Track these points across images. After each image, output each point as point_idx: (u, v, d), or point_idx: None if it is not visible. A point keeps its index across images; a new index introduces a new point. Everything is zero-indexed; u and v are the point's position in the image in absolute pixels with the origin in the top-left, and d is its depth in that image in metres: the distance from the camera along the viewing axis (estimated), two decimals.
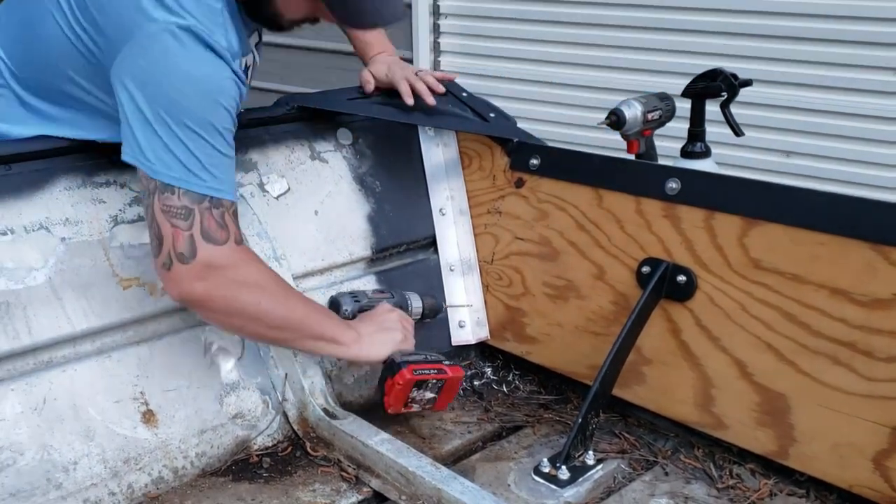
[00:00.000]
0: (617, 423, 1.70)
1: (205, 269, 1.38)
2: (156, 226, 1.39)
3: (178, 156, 1.36)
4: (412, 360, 1.58)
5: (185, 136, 1.36)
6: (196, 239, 1.38)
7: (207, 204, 1.38)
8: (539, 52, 3.79)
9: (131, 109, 1.36)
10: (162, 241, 1.38)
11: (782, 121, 3.20)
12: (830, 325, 1.40)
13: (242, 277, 1.42)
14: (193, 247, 1.37)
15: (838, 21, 3.05)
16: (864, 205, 1.39)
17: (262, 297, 1.45)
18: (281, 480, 1.51)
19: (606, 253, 1.69)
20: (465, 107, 1.99)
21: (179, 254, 1.38)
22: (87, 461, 1.42)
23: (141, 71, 1.36)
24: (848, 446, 1.39)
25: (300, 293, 1.58)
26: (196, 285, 1.39)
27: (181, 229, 1.37)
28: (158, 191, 1.37)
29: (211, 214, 1.39)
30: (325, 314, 1.60)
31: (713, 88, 2.06)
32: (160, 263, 1.40)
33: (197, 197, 1.38)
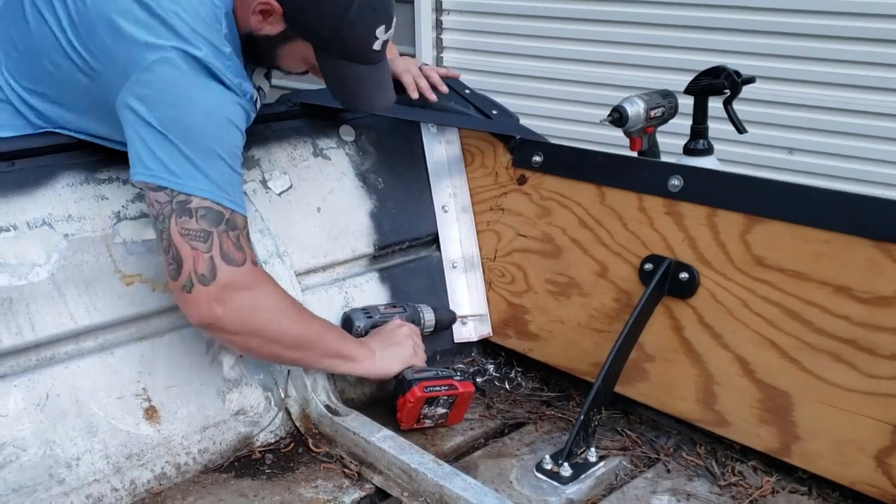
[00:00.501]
0: (619, 420, 1.70)
1: (225, 290, 1.39)
2: (174, 249, 1.38)
3: (205, 172, 1.37)
4: (423, 376, 1.61)
5: (207, 156, 1.38)
6: (216, 261, 1.38)
7: (224, 227, 1.39)
8: (542, 49, 3.79)
9: (147, 130, 1.36)
10: (181, 263, 1.38)
11: (785, 117, 3.20)
12: (833, 322, 1.40)
13: (261, 299, 1.44)
14: (214, 269, 1.38)
15: (842, 17, 3.05)
16: (868, 202, 1.39)
17: (280, 318, 1.47)
18: (283, 477, 1.52)
19: (609, 250, 1.69)
20: (467, 104, 1.99)
21: (201, 275, 1.38)
22: (89, 457, 1.42)
23: (155, 93, 1.36)
24: (850, 444, 1.39)
25: (313, 314, 1.58)
26: (216, 307, 1.39)
27: (201, 251, 1.37)
28: (175, 214, 1.37)
29: (228, 237, 1.39)
30: (338, 332, 1.63)
31: (716, 85, 2.05)
32: (179, 286, 1.39)
33: (214, 218, 1.38)
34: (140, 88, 1.36)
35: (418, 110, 1.92)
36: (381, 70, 1.56)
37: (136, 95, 1.36)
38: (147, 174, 1.37)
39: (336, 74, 1.53)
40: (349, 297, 1.79)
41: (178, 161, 1.36)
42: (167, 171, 1.36)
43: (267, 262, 1.65)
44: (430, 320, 1.79)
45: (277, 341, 1.49)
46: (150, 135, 1.36)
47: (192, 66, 1.37)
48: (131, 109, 1.36)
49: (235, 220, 1.41)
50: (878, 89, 3.04)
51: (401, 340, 1.66)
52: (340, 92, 1.57)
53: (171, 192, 1.37)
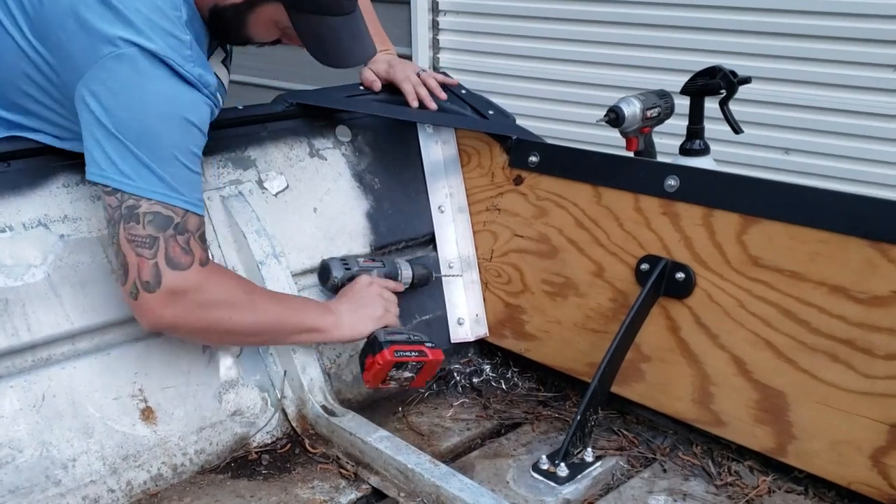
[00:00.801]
0: (615, 420, 1.70)
1: (170, 295, 1.39)
2: (122, 255, 1.38)
3: (158, 174, 1.36)
4: (395, 339, 1.59)
5: (161, 158, 1.36)
6: (161, 267, 1.38)
7: (172, 231, 1.38)
8: (538, 49, 3.78)
9: (101, 130, 1.35)
10: (127, 270, 1.38)
11: (781, 118, 3.20)
12: (829, 322, 1.40)
13: (209, 297, 1.43)
14: (158, 275, 1.38)
15: (837, 18, 3.05)
16: (864, 202, 1.39)
17: (231, 312, 1.46)
18: (280, 477, 1.52)
19: (605, 250, 1.70)
20: (463, 104, 1.99)
21: (145, 282, 1.38)
22: (85, 458, 1.42)
23: (109, 92, 1.34)
24: (846, 443, 1.39)
25: (271, 293, 1.58)
26: (165, 312, 1.40)
27: (146, 258, 1.37)
28: (123, 220, 1.36)
29: (176, 241, 1.38)
30: (299, 306, 1.60)
31: (712, 86, 2.06)
32: (127, 292, 1.40)
33: (162, 223, 1.37)
34: (95, 85, 1.34)
35: (415, 111, 1.92)
36: (356, 20, 1.54)
37: (92, 92, 1.34)
38: (99, 174, 1.36)
39: (311, 32, 1.51)
40: None
41: (131, 163, 1.35)
42: (119, 172, 1.35)
43: (263, 263, 1.65)
44: (406, 276, 1.78)
45: (233, 333, 1.51)
46: (104, 135, 1.35)
47: (149, 62, 1.34)
48: (87, 107, 1.35)
49: (187, 223, 1.40)
50: (873, 90, 3.05)
51: (370, 301, 1.63)
52: (319, 50, 1.53)
53: (122, 195, 1.36)
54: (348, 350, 1.77)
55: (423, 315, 1.90)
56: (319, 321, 1.58)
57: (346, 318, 1.60)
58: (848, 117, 3.11)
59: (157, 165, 1.36)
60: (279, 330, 1.55)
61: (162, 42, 1.36)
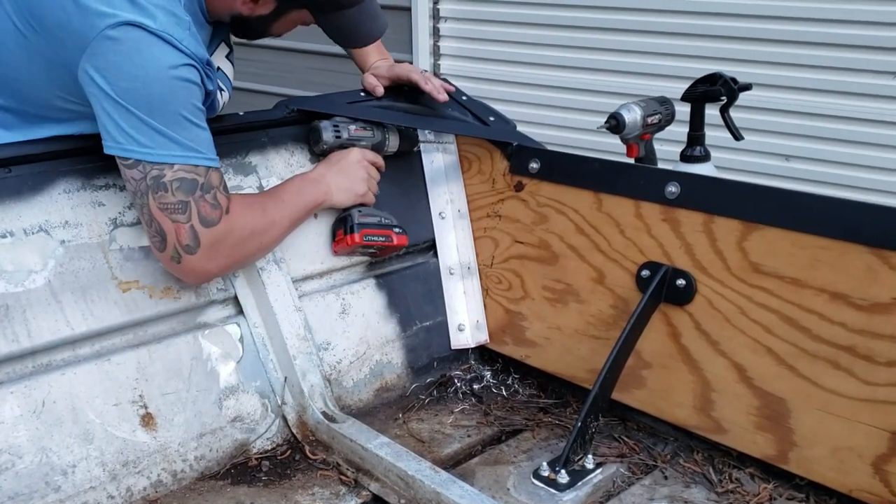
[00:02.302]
0: (616, 426, 1.70)
1: (210, 250, 1.47)
2: (156, 223, 1.44)
3: (173, 137, 1.40)
4: (367, 222, 1.76)
5: (171, 121, 1.40)
6: (197, 228, 1.45)
7: (200, 192, 1.44)
8: (539, 56, 3.79)
9: (110, 103, 1.38)
10: (165, 236, 1.45)
11: (782, 124, 3.20)
12: (830, 329, 1.40)
13: (241, 236, 1.53)
14: (196, 236, 1.45)
15: (838, 25, 3.06)
16: (865, 209, 1.39)
17: (261, 237, 1.58)
18: (280, 484, 1.51)
19: (606, 257, 1.69)
20: (464, 110, 1.99)
21: (185, 245, 1.45)
22: (85, 464, 1.41)
23: (110, 65, 1.37)
24: (847, 450, 1.39)
25: (275, 198, 1.64)
26: (209, 266, 1.50)
27: (182, 223, 1.44)
28: (151, 190, 1.41)
29: (205, 200, 1.45)
30: (297, 193, 1.67)
31: (713, 92, 2.06)
32: (168, 257, 1.47)
33: (189, 187, 1.42)
34: (97, 60, 1.37)
35: (416, 117, 1.92)
36: (368, 3, 1.68)
37: (95, 67, 1.37)
38: (118, 148, 1.40)
39: (334, 26, 1.66)
40: (346, 304, 1.79)
41: (146, 132, 1.39)
42: (136, 143, 1.39)
43: (264, 269, 1.65)
44: (394, 145, 1.86)
45: (266, 250, 1.63)
46: (114, 108, 1.38)
47: (145, 35, 1.37)
48: (93, 82, 1.38)
49: (210, 179, 1.45)
50: (874, 97, 3.05)
51: (356, 177, 1.74)
52: (342, 39, 1.74)
53: (144, 166, 1.40)
54: (349, 356, 1.77)
55: (424, 321, 1.90)
56: (317, 196, 1.69)
57: (333, 186, 1.72)
58: (848, 124, 3.12)
59: (170, 130, 1.40)
60: (295, 221, 1.66)
61: (162, 18, 1.39)
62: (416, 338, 1.88)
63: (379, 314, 1.84)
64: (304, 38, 1.70)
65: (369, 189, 1.77)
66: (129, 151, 1.40)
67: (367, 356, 1.80)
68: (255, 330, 1.66)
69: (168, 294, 1.56)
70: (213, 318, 1.64)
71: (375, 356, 1.81)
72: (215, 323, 1.63)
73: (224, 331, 1.62)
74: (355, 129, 1.80)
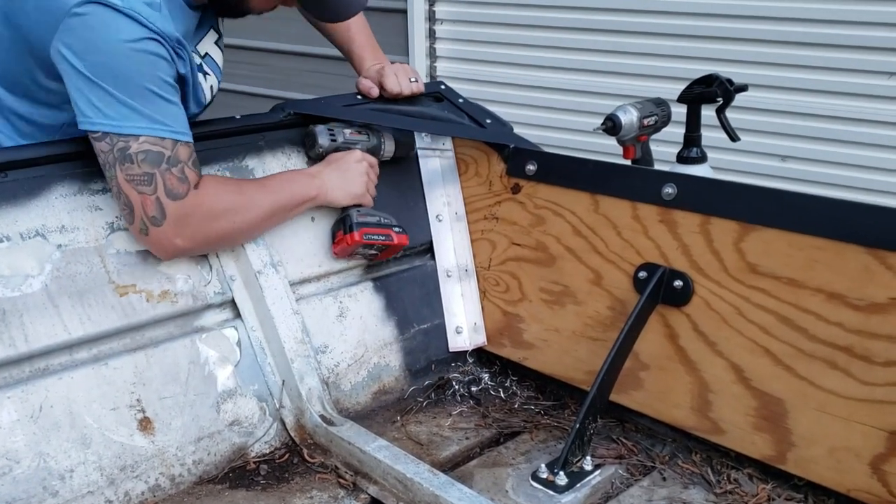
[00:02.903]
0: (614, 428, 1.70)
1: (177, 223, 1.48)
2: (123, 196, 1.46)
3: (139, 110, 1.42)
4: (367, 221, 1.75)
5: (138, 94, 1.42)
6: (163, 200, 1.46)
7: (166, 165, 1.45)
8: (535, 58, 3.80)
9: (80, 79, 1.41)
10: (133, 208, 1.47)
11: (778, 125, 3.21)
12: (827, 329, 1.40)
13: (212, 213, 1.53)
14: (162, 208, 1.47)
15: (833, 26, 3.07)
16: (862, 209, 1.39)
17: (234, 217, 1.56)
18: (278, 487, 1.51)
19: (603, 258, 1.70)
20: (461, 113, 2.00)
21: (152, 217, 1.47)
22: (83, 469, 1.41)
23: (80, 41, 1.40)
24: (845, 451, 1.39)
25: (260, 182, 1.65)
26: (176, 241, 1.50)
27: (147, 194, 1.46)
28: (118, 162, 1.43)
29: (171, 173, 1.46)
30: (285, 182, 1.67)
31: (709, 94, 2.06)
32: (137, 230, 1.49)
33: (155, 159, 1.44)
34: (67, 37, 1.40)
35: (412, 120, 1.93)
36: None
37: (65, 44, 1.41)
38: (87, 122, 1.43)
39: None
40: (344, 307, 1.79)
41: (111, 104, 1.41)
42: (103, 115, 1.42)
43: (261, 273, 1.65)
44: (390, 150, 1.86)
45: (241, 232, 1.60)
46: (84, 83, 1.41)
47: (110, 12, 1.39)
48: (64, 59, 1.41)
49: (178, 153, 1.47)
50: (870, 97, 3.06)
51: (356, 176, 1.73)
52: (323, 10, 1.69)
53: (112, 138, 1.43)
54: (347, 359, 1.77)
55: (422, 324, 1.90)
56: (309, 190, 1.68)
57: (329, 184, 1.70)
58: (844, 124, 3.12)
59: (136, 102, 1.42)
60: (277, 211, 1.64)
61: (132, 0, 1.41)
62: (414, 340, 1.88)
63: (376, 317, 1.84)
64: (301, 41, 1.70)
65: (367, 190, 1.76)
66: (96, 124, 1.42)
67: (364, 359, 1.80)
68: (253, 333, 1.65)
69: (165, 298, 1.56)
70: (210, 322, 1.63)
71: (373, 359, 1.81)
72: (213, 327, 1.63)
73: (221, 334, 1.62)
74: (350, 133, 1.80)
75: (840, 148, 3.15)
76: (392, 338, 1.85)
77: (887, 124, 3.05)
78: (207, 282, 1.62)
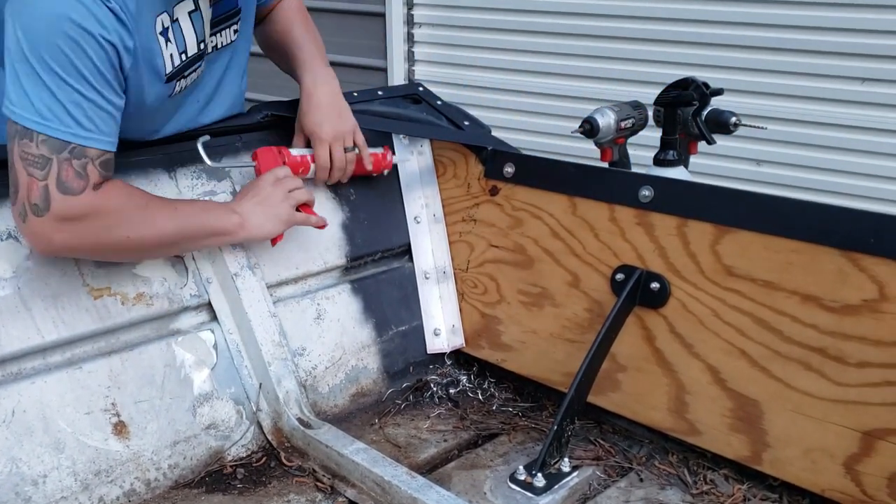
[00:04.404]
0: (592, 429, 1.70)
1: (59, 221, 1.35)
2: (14, 172, 1.35)
3: (40, 98, 1.30)
4: None
5: (49, 79, 1.29)
6: (51, 190, 1.33)
7: (67, 154, 1.33)
8: (513, 62, 3.81)
9: (5, 52, 1.32)
10: (18, 189, 1.35)
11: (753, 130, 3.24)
12: (802, 331, 1.42)
13: (103, 220, 1.40)
14: (48, 199, 1.34)
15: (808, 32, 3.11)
16: (836, 212, 1.41)
17: (126, 230, 1.43)
18: (255, 491, 1.50)
19: (581, 260, 1.70)
20: (439, 115, 1.99)
21: (34, 205, 1.34)
22: (57, 474, 1.39)
23: (14, 10, 1.30)
24: (820, 451, 1.40)
25: (170, 202, 1.54)
26: (54, 238, 1.37)
27: (37, 179, 1.33)
28: (18, 135, 1.32)
29: (70, 165, 1.34)
30: (199, 211, 1.57)
31: (685, 97, 2.07)
32: (16, 213, 1.37)
33: (57, 145, 1.32)
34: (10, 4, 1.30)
35: (390, 121, 1.92)
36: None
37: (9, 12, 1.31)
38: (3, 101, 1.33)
39: None
40: (321, 309, 1.78)
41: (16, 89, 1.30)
42: (8, 98, 1.31)
43: (238, 275, 1.64)
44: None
45: (133, 250, 1.49)
46: (6, 59, 1.31)
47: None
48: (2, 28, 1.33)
49: (86, 150, 1.34)
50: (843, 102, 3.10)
51: (276, 203, 1.60)
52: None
53: None
54: (324, 362, 1.76)
55: (400, 326, 1.89)
56: (224, 222, 1.55)
57: (253, 218, 1.58)
58: (818, 129, 3.16)
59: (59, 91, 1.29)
60: (183, 239, 1.52)
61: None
62: (392, 343, 1.87)
63: (354, 319, 1.83)
64: None
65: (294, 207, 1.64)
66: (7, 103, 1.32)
67: (342, 361, 1.79)
68: (230, 336, 1.64)
69: (140, 301, 1.55)
70: (186, 325, 1.62)
71: (351, 361, 1.81)
72: (189, 329, 1.61)
73: (198, 337, 1.61)
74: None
75: (814, 152, 3.19)
76: (370, 340, 1.85)
77: (860, 129, 3.09)
78: (183, 284, 1.61)
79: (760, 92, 3.21)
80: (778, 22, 3.15)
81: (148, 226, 1.46)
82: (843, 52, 3.05)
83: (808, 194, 3.12)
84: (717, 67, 3.23)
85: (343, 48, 4.09)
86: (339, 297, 1.82)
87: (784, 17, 3.14)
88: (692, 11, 3.31)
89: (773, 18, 3.16)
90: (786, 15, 3.14)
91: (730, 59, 3.25)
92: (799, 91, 3.16)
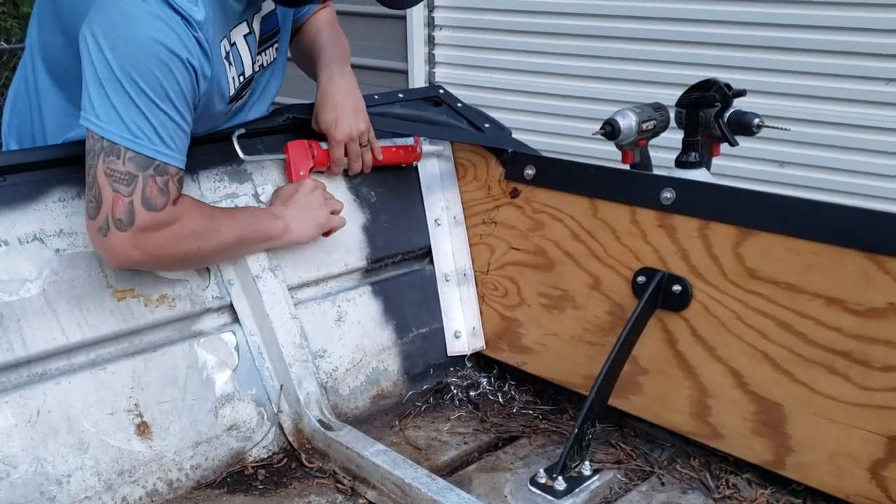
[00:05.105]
0: (613, 433, 1.69)
1: (141, 234, 1.40)
2: (97, 188, 1.38)
3: (129, 117, 1.35)
4: None
5: (138, 99, 1.35)
6: (136, 206, 1.39)
7: (152, 171, 1.38)
8: (533, 64, 3.80)
9: (87, 69, 1.36)
10: (101, 204, 1.38)
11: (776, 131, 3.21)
12: (826, 334, 1.40)
13: (178, 232, 1.46)
14: (132, 214, 1.39)
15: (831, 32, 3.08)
16: (860, 214, 1.39)
17: (199, 242, 1.50)
18: (276, 492, 1.51)
19: (602, 263, 1.70)
20: (459, 117, 2.00)
21: (117, 220, 1.39)
22: (80, 474, 1.41)
23: (101, 30, 1.34)
24: (844, 456, 1.39)
25: (226, 211, 1.62)
26: (133, 253, 1.42)
27: (122, 195, 1.38)
28: (105, 152, 1.36)
29: (154, 182, 1.39)
30: (251, 217, 1.63)
31: (707, 98, 2.06)
32: (96, 227, 1.40)
33: (143, 162, 1.37)
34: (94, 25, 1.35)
35: (411, 124, 1.93)
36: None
37: (91, 31, 1.35)
38: (82, 116, 1.38)
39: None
40: (342, 311, 1.79)
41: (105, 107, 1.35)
42: (95, 115, 1.36)
43: (259, 277, 1.65)
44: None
45: (201, 260, 1.57)
46: (91, 77, 1.35)
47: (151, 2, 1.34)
48: (86, 45, 1.36)
49: (168, 167, 1.40)
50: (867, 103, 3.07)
51: (315, 208, 1.69)
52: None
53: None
54: (345, 363, 1.76)
55: (420, 328, 1.89)
56: (272, 227, 1.64)
57: (294, 223, 1.66)
58: (842, 130, 3.13)
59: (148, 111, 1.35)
60: (239, 245, 1.60)
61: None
62: (413, 345, 1.88)
63: (375, 321, 1.83)
64: None
65: (330, 213, 1.72)
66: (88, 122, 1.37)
67: (363, 363, 1.80)
68: (251, 338, 1.65)
69: (163, 302, 1.56)
70: (208, 327, 1.63)
71: (372, 363, 1.81)
72: (211, 331, 1.62)
73: (220, 339, 1.62)
74: None
75: (838, 154, 3.16)
76: (390, 342, 1.85)
77: (886, 130, 3.06)
78: (206, 286, 1.62)
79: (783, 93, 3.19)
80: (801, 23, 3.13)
81: (215, 236, 1.53)
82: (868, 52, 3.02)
83: (832, 196, 3.09)
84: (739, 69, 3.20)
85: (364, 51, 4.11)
86: (359, 299, 1.82)
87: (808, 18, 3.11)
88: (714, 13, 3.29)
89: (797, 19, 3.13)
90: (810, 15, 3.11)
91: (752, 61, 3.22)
92: (822, 92, 3.13)
